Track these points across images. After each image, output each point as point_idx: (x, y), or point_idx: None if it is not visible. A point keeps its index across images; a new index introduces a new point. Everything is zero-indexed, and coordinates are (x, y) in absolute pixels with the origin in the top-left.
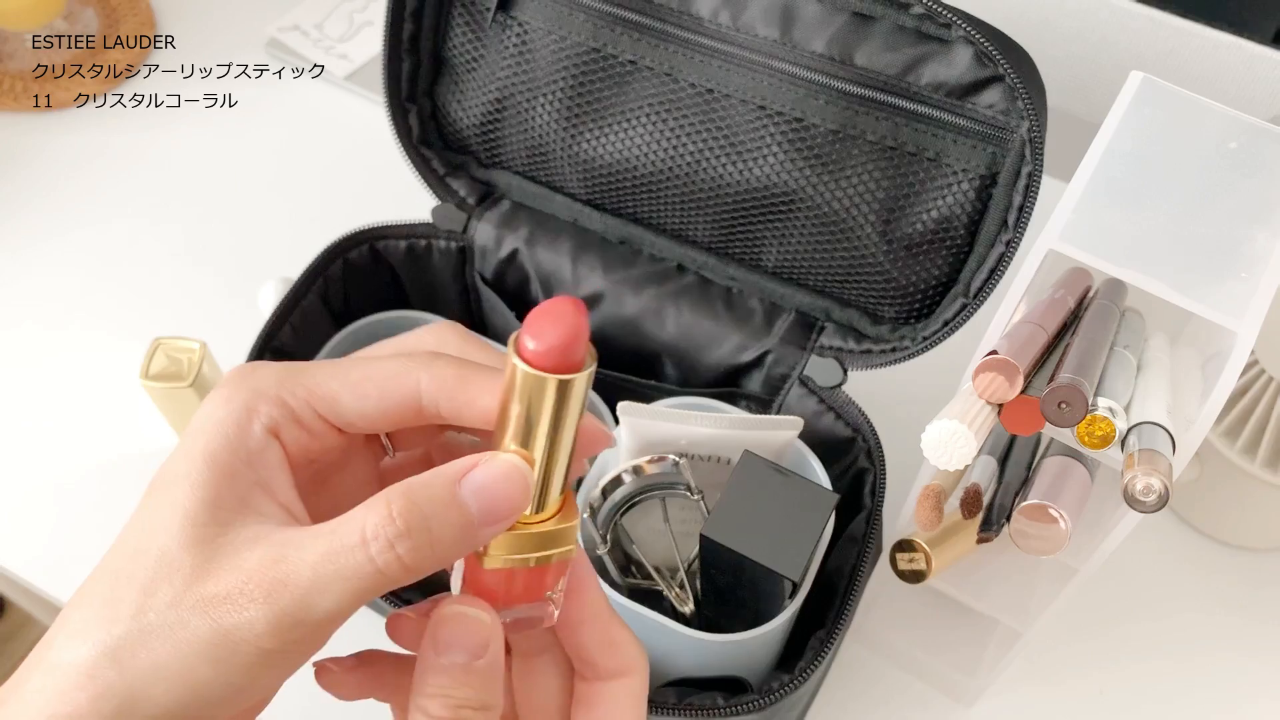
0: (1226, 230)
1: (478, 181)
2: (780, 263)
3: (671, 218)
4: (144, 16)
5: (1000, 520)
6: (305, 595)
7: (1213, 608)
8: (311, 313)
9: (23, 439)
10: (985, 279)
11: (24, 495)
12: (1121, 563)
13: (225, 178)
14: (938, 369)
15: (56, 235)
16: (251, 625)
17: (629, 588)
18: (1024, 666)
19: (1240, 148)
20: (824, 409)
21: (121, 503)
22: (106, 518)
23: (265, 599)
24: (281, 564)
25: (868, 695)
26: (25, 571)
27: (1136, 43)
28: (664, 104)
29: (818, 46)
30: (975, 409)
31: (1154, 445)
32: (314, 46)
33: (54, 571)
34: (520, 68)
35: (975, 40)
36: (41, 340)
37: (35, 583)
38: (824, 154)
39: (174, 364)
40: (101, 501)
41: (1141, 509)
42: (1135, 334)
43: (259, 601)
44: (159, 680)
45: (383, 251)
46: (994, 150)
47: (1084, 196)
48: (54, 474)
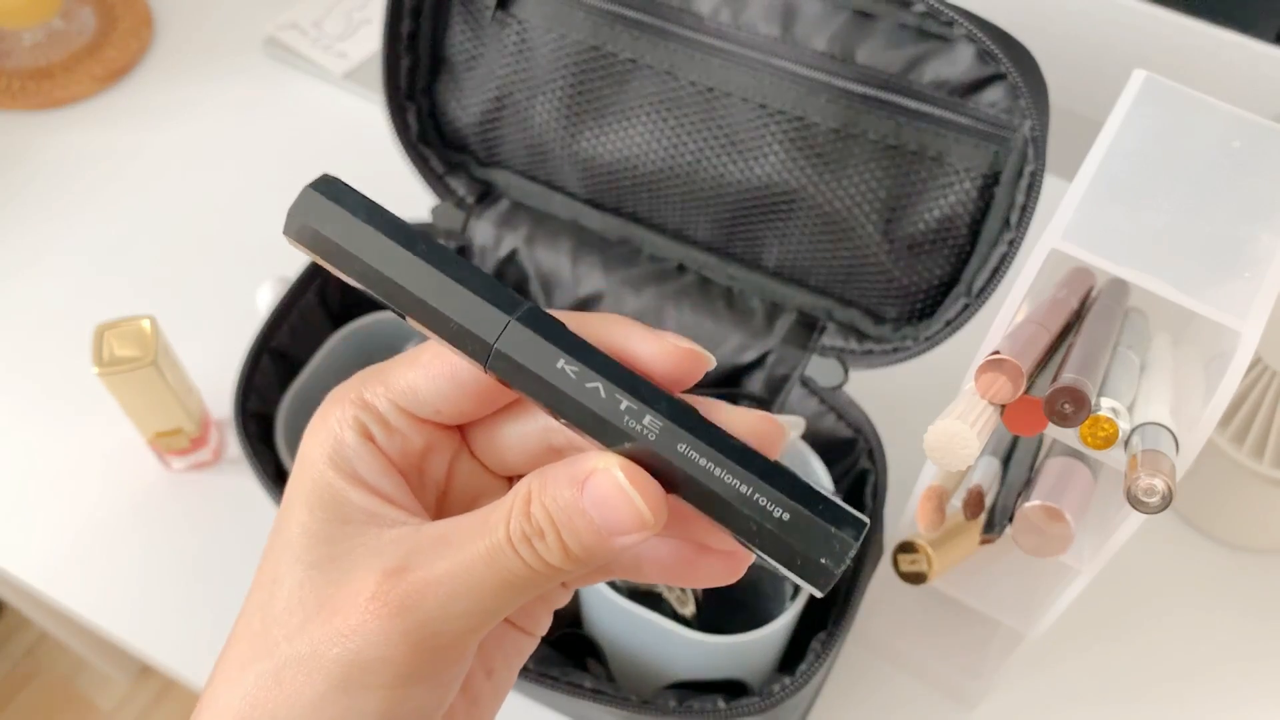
0: (1230, 229)
1: (477, 180)
2: (781, 262)
3: (672, 217)
4: (141, 15)
5: (1003, 522)
6: (439, 606)
7: (1217, 609)
8: (309, 313)
9: (22, 438)
10: (987, 279)
11: (23, 496)
12: (1125, 564)
13: (222, 177)
14: (940, 369)
15: (52, 234)
16: (382, 645)
17: (629, 589)
18: (1026, 668)
19: (1244, 146)
20: (825, 409)
21: (122, 503)
22: (107, 517)
23: (394, 616)
24: (405, 575)
25: (869, 698)
26: (25, 572)
27: (1140, 41)
28: (664, 102)
29: (819, 44)
30: (977, 410)
31: (1157, 446)
32: (312, 45)
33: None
34: (519, 66)
35: (977, 38)
36: (39, 340)
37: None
38: (825, 153)
39: (128, 346)
40: (101, 502)
41: (1145, 510)
42: (1138, 334)
43: (385, 618)
44: (301, 713)
45: None
46: (996, 149)
47: (1087, 195)
48: (54, 474)
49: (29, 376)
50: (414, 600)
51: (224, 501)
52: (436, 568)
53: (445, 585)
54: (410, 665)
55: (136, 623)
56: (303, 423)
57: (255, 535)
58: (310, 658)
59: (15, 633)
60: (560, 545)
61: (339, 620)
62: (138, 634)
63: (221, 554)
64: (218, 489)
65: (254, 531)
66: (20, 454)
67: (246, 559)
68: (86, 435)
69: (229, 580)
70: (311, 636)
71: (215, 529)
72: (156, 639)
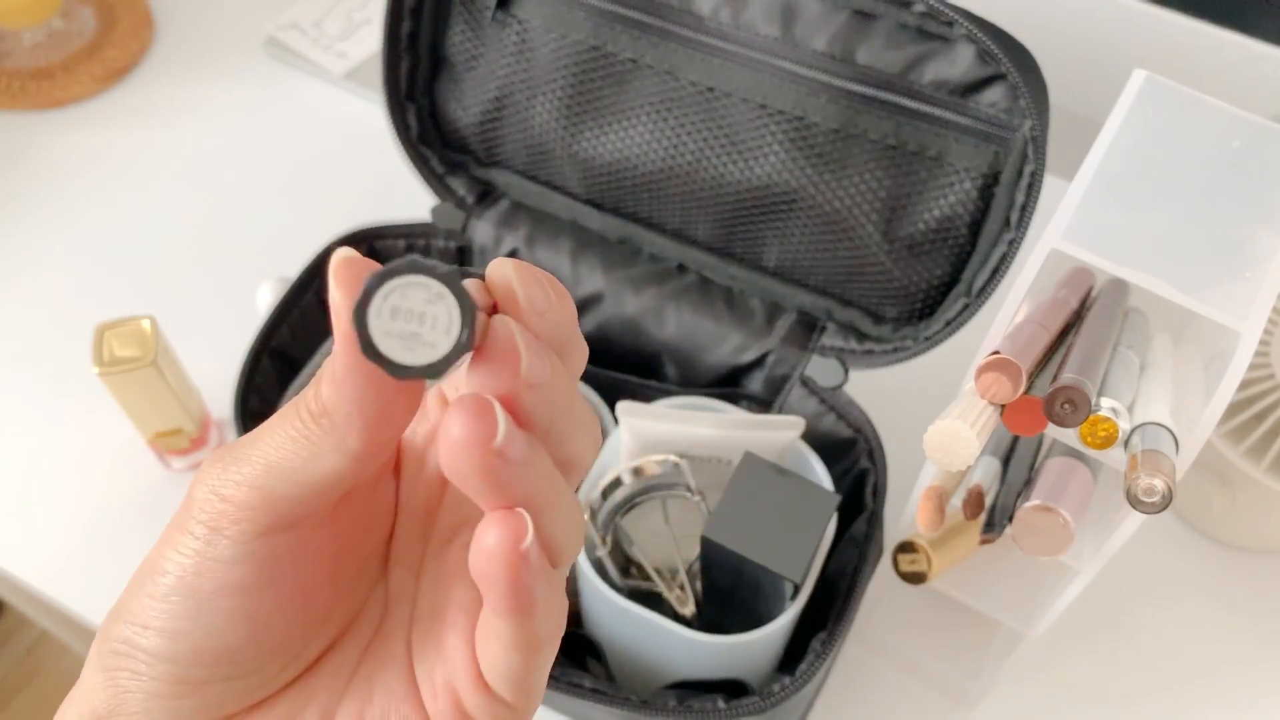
0: (1230, 229)
1: (477, 180)
2: (781, 262)
3: (672, 217)
4: (141, 15)
5: (1002, 521)
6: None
7: (1217, 610)
8: (310, 313)
9: (22, 438)
10: (987, 279)
11: (23, 496)
12: (1124, 564)
13: (222, 177)
14: (940, 369)
15: (52, 234)
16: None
17: (629, 589)
18: (1026, 669)
19: (1244, 146)
20: (825, 409)
21: (122, 503)
22: (107, 517)
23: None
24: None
25: (869, 698)
26: (25, 572)
27: (1140, 41)
28: (664, 103)
29: (819, 45)
30: (977, 410)
31: (1157, 446)
32: (312, 45)
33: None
34: (520, 66)
35: (977, 38)
36: (39, 340)
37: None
38: (825, 153)
39: (128, 346)
40: (101, 502)
41: (1145, 510)
42: (1138, 334)
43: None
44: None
45: (381, 251)
46: (996, 149)
47: (1087, 195)
48: (54, 474)
49: (29, 377)
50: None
51: None
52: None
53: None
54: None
55: None
56: None
57: None
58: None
59: (15, 633)
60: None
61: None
62: None
63: None
64: None
65: None
66: (20, 454)
67: None
68: (87, 435)
69: None
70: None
71: None
72: None
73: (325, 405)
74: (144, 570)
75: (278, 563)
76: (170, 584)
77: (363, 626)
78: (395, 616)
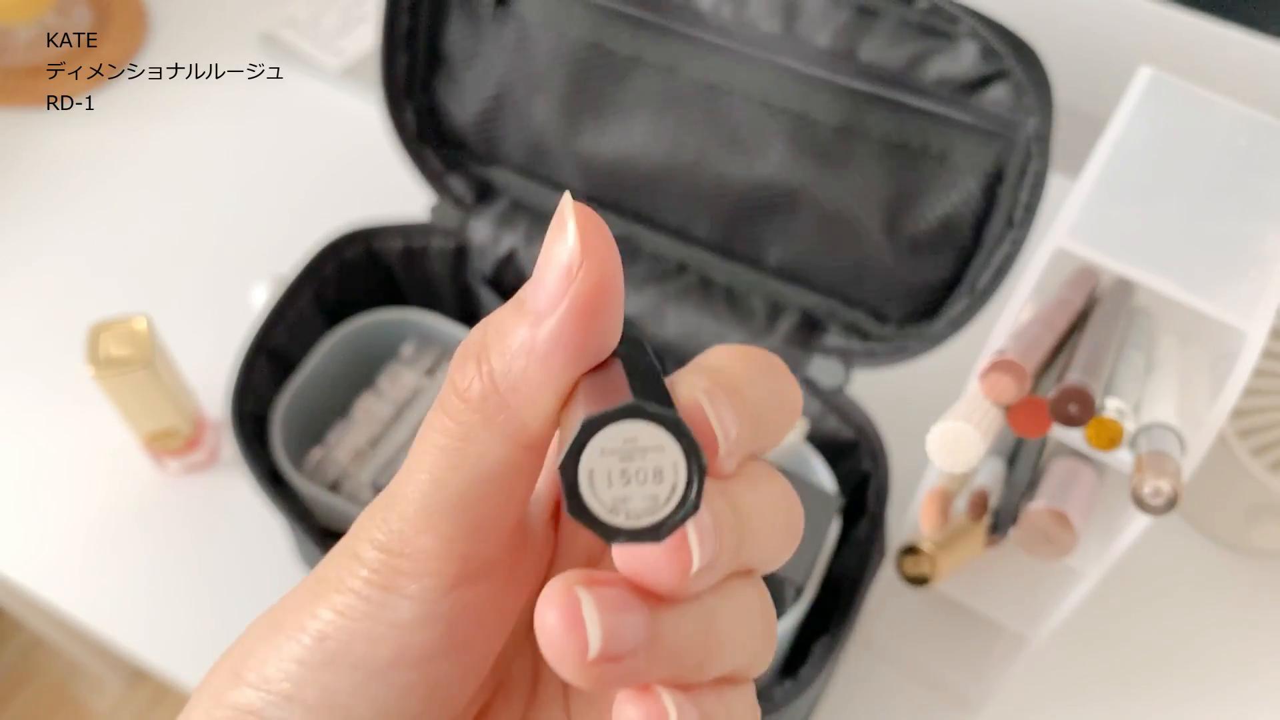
0: (1236, 228)
1: (475, 179)
2: (783, 261)
3: (673, 216)
4: (136, 11)
5: (1007, 524)
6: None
7: (1223, 613)
8: (306, 313)
9: (14, 439)
10: (992, 278)
11: (15, 497)
12: (1130, 567)
13: (217, 174)
14: (943, 370)
15: (46, 233)
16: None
17: None
18: (1030, 672)
19: (1250, 145)
20: (828, 410)
21: (116, 504)
22: (100, 519)
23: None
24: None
25: (872, 702)
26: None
27: (1145, 38)
28: (665, 100)
29: (821, 41)
30: (982, 410)
31: (1163, 447)
32: (309, 42)
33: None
34: (519, 63)
35: (981, 35)
36: (32, 340)
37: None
38: (827, 151)
39: (123, 346)
40: (94, 503)
41: (1150, 512)
42: (1144, 334)
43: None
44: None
45: (379, 250)
46: (1000, 147)
47: (1092, 194)
48: (47, 475)
49: (22, 376)
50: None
51: (219, 503)
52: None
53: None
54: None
55: (131, 626)
56: (299, 424)
57: (249, 537)
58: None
59: (9, 636)
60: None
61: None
62: (132, 637)
63: (216, 556)
64: (212, 490)
65: (248, 533)
66: (13, 455)
67: (241, 561)
68: (80, 436)
69: (224, 582)
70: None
71: (210, 530)
72: (151, 642)
73: (495, 381)
74: (275, 622)
75: (467, 622)
76: (331, 650)
77: (512, 692)
78: (547, 676)
